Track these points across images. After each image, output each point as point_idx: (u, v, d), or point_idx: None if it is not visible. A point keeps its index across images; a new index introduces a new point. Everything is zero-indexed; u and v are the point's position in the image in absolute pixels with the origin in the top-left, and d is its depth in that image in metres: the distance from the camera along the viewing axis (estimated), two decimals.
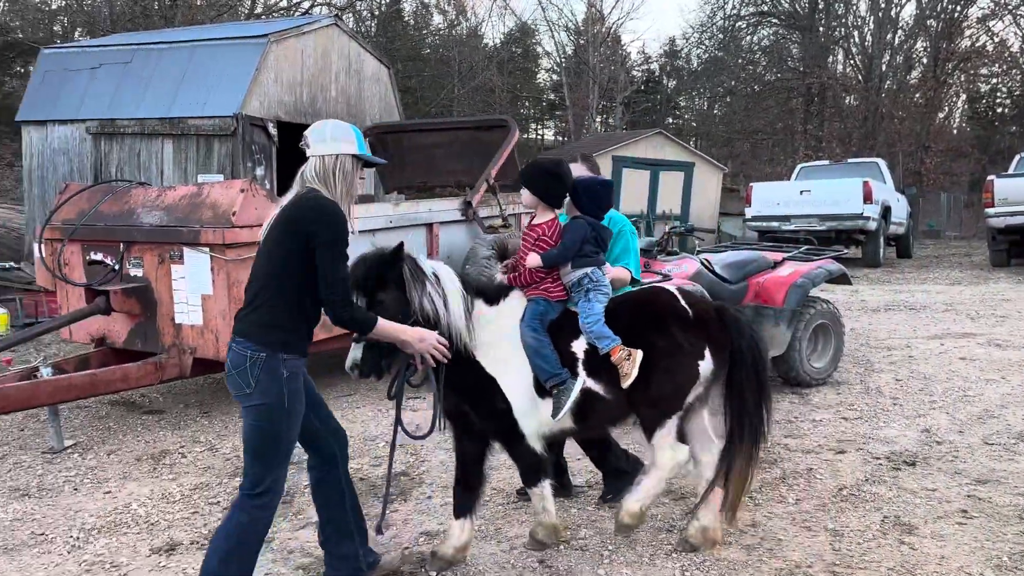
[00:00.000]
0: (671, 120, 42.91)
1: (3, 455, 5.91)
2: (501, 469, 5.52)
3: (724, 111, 40.38)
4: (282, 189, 10.88)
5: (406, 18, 38.79)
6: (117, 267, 6.22)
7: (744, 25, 37.02)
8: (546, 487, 3.96)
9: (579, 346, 3.92)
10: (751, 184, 18.69)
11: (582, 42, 36.95)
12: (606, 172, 17.35)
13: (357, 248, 6.41)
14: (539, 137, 45.02)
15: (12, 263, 14.46)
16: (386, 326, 3.44)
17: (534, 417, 3.84)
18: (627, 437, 5.27)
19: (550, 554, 4.23)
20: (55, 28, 31.53)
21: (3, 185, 29.30)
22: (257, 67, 12.25)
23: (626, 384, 3.80)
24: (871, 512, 4.70)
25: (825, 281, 7.52)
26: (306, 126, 12.24)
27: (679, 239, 7.48)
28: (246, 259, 5.93)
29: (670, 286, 4.44)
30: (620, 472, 4.85)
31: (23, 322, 11.59)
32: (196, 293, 5.97)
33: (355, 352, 3.50)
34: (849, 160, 19.68)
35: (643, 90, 41.51)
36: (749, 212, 17.65)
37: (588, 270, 4.00)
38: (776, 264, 7.39)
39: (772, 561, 4.12)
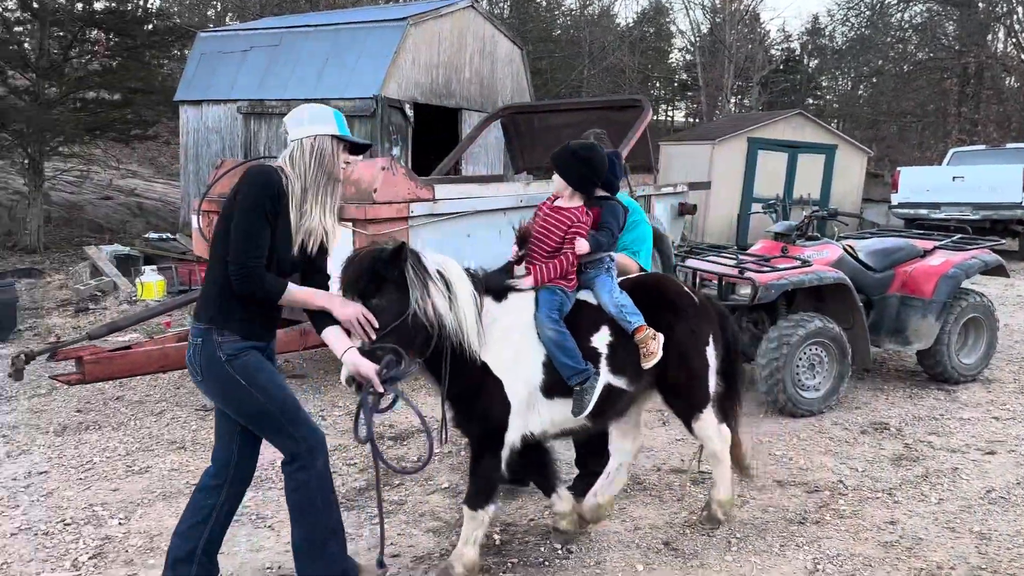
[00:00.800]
0: (811, 101, 41.11)
1: (161, 411, 6.40)
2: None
3: (870, 92, 38.29)
4: (415, 168, 11.17)
5: None
6: None
7: (895, 1, 34.91)
8: (489, 514, 3.61)
9: (600, 340, 3.73)
10: (898, 169, 17.69)
11: (719, 20, 35.89)
12: (740, 154, 16.86)
13: (493, 225, 6.44)
14: (669, 118, 44.18)
15: (168, 234, 15.58)
16: (298, 293, 3.17)
17: (521, 422, 3.59)
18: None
19: (676, 536, 4.21)
20: (208, 13, 33.54)
21: (160, 161, 31.52)
22: (396, 49, 12.60)
23: (649, 364, 3.71)
24: (1022, 517, 4.41)
25: (980, 272, 7.05)
26: (441, 108, 12.53)
27: (818, 224, 7.18)
28: (385, 234, 6.16)
29: (668, 274, 4.46)
30: (594, 475, 4.60)
31: (178, 289, 12.48)
32: (338, 265, 6.24)
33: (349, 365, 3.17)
34: (1008, 145, 18.27)
35: (782, 70, 39.91)
36: (895, 198, 16.74)
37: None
38: (925, 253, 6.99)
39: (911, 560, 3.95)
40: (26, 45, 20.66)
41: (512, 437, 3.56)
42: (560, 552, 4.06)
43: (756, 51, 35.55)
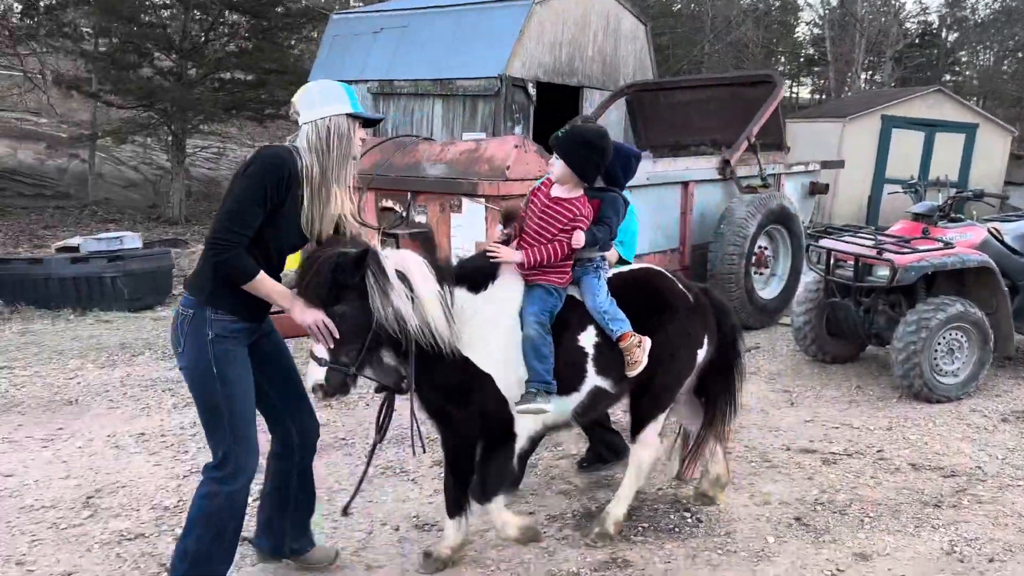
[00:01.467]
0: (949, 77, 38.76)
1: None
2: (751, 428, 5.57)
3: (1015, 67, 35.79)
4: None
5: None
6: (404, 214, 6.91)
7: None
8: (500, 502, 3.57)
9: (587, 339, 3.57)
10: None
11: None
12: (872, 133, 16.19)
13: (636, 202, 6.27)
14: (794, 95, 42.62)
15: None
16: (265, 284, 3.03)
17: (528, 417, 3.48)
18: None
19: (807, 512, 4.25)
20: None
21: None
22: (522, 28, 12.76)
23: (633, 373, 3.56)
24: None
25: None
26: (563, 87, 12.57)
27: (960, 205, 6.91)
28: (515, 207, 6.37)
29: (660, 268, 4.09)
30: (609, 446, 4.74)
31: None
32: (471, 240, 6.50)
33: (315, 373, 3.07)
34: None
35: (917, 44, 37.79)
36: None
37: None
38: None
39: None
40: (170, 28, 22.00)
41: (522, 425, 3.50)
42: (690, 521, 4.18)
43: (890, 24, 33.79)
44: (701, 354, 3.86)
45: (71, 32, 20.72)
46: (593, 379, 3.57)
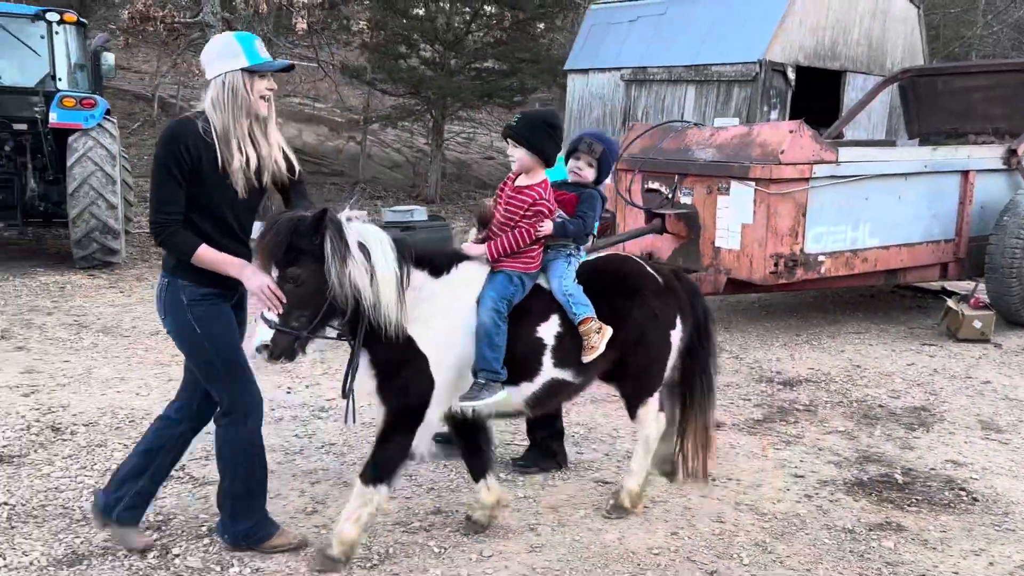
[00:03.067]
0: None
1: None
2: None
3: None
4: None
5: None
6: (670, 195, 7.32)
7: None
8: (381, 496, 3.42)
9: (547, 330, 3.53)
10: None
11: None
12: None
13: (892, 190, 6.28)
14: None
15: None
16: (208, 256, 3.11)
17: (443, 405, 3.45)
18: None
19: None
20: None
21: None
22: (785, 12, 12.63)
23: (588, 358, 3.51)
24: None
25: None
26: (824, 71, 12.29)
27: None
28: (787, 194, 6.55)
29: (629, 254, 4.14)
30: (547, 450, 4.62)
31: None
32: (737, 221, 6.78)
33: (263, 333, 3.03)
34: None
35: None
36: None
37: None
38: None
39: None
40: (437, 21, 23.78)
41: (434, 415, 3.42)
42: (966, 499, 4.27)
43: None
44: (676, 335, 3.81)
45: (348, 26, 22.98)
46: (550, 371, 3.51)
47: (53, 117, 9.57)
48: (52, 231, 11.25)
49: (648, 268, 3.83)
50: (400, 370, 3.32)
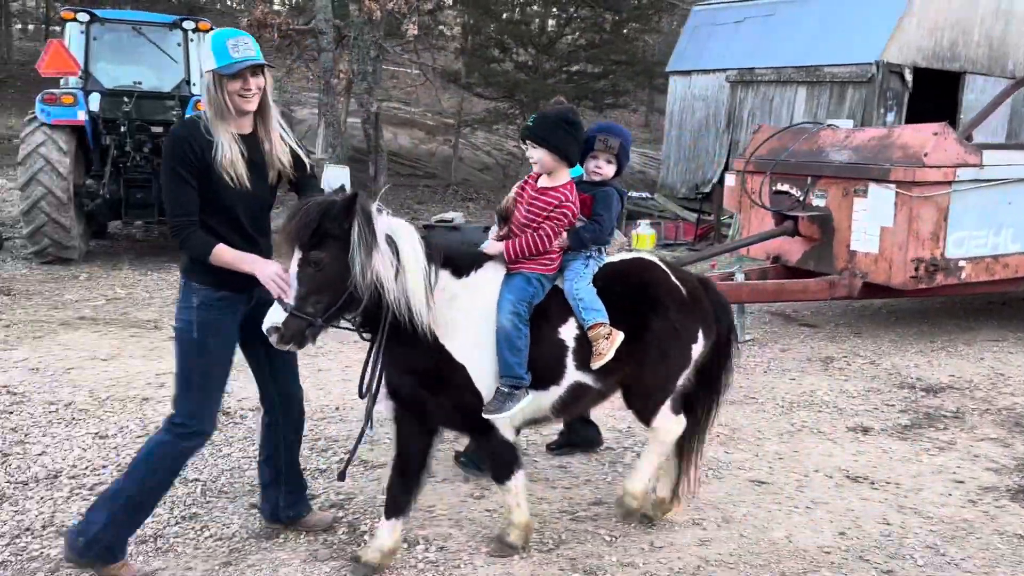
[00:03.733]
0: None
1: None
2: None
3: None
4: None
5: None
6: (802, 197, 7.26)
7: None
8: (520, 480, 3.46)
9: (568, 332, 3.37)
10: None
11: None
12: None
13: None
14: None
15: (647, 193, 17.21)
16: (225, 255, 3.09)
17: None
18: None
19: None
20: None
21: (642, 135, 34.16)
22: (903, 12, 12.33)
23: (596, 364, 3.34)
24: None
25: None
26: (943, 72, 11.88)
27: None
28: (929, 197, 6.44)
29: (654, 257, 3.76)
30: (579, 432, 4.67)
31: (663, 242, 13.92)
32: (876, 224, 6.69)
33: (275, 314, 2.94)
34: None
35: None
36: None
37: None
38: None
39: None
40: (532, 25, 24.01)
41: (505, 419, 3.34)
42: None
43: None
44: (696, 349, 3.62)
45: (444, 32, 23.36)
46: (573, 374, 3.38)
47: None
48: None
49: (672, 277, 3.59)
50: (443, 387, 3.23)
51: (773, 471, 4.65)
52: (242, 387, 5.73)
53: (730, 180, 8.19)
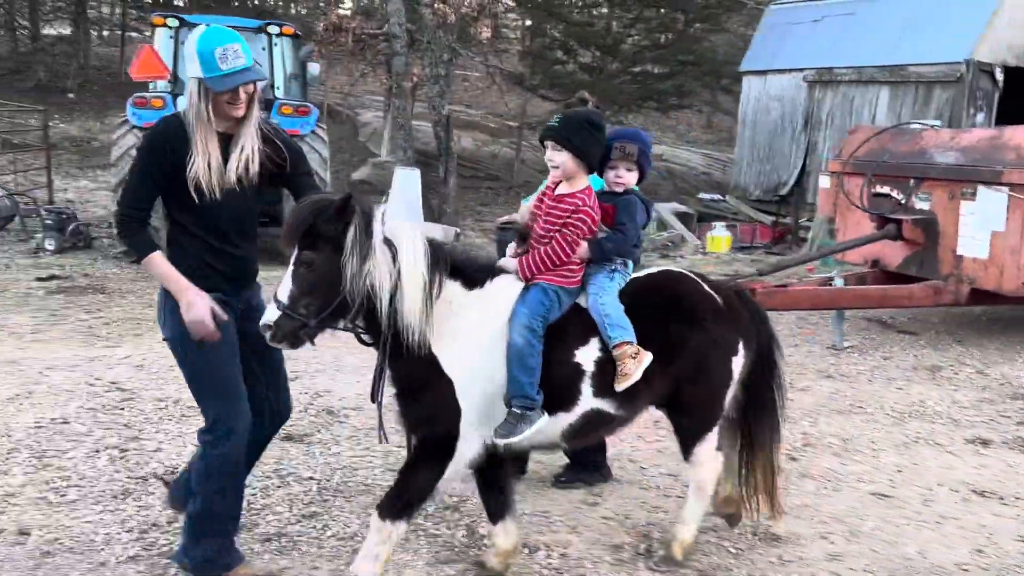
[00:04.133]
0: None
1: (796, 344, 7.31)
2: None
3: None
4: None
5: None
6: (904, 200, 7.04)
7: None
8: (399, 532, 3.06)
9: (586, 354, 3.12)
10: None
11: None
12: None
13: None
14: None
15: (719, 195, 16.96)
16: (157, 268, 3.01)
17: (476, 440, 3.07)
18: None
19: None
20: None
21: (679, 129, 33.81)
22: (995, 9, 11.90)
23: (621, 386, 3.08)
24: None
25: None
26: None
27: None
28: None
29: (683, 270, 3.52)
30: (590, 464, 4.29)
31: (739, 244, 13.68)
32: (985, 229, 6.44)
33: (269, 314, 2.85)
34: None
35: None
36: None
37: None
38: None
39: None
40: (596, 26, 23.90)
41: (467, 449, 3.06)
42: None
43: None
44: (738, 362, 3.36)
45: (508, 34, 23.38)
46: (589, 400, 3.12)
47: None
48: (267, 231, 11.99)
49: (705, 287, 3.37)
50: (423, 394, 3.01)
51: (895, 484, 4.49)
52: (339, 386, 5.79)
53: (825, 182, 7.99)
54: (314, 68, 12.01)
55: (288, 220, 2.83)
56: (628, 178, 3.28)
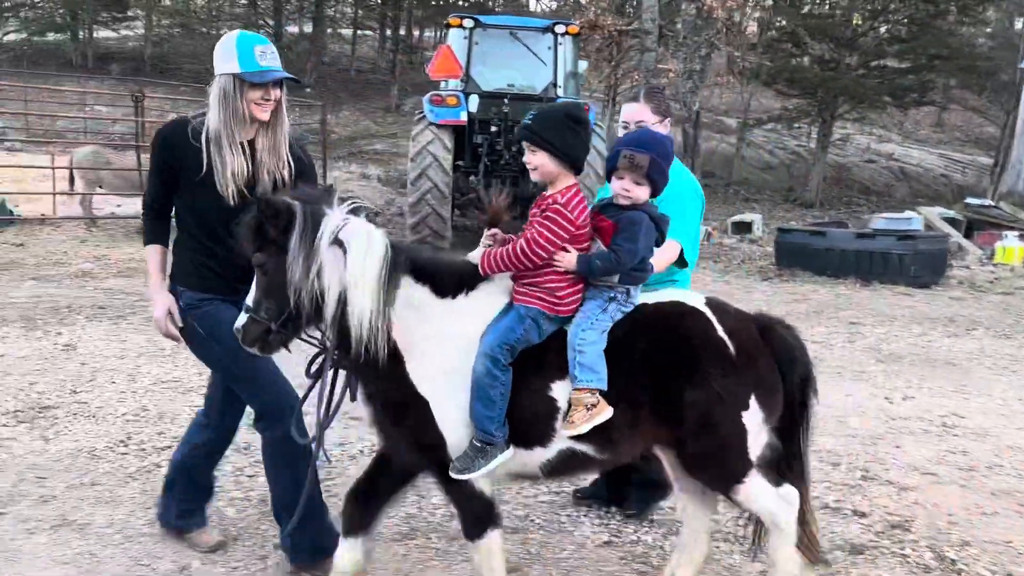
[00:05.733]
0: None
1: None
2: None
3: None
4: None
5: None
6: None
7: None
8: (494, 541, 2.85)
9: (563, 391, 2.73)
10: None
11: None
12: None
13: None
14: None
15: (990, 200, 15.71)
16: (147, 259, 3.23)
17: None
18: None
19: None
20: None
21: (906, 128, 31.63)
22: None
23: (567, 432, 2.70)
24: None
25: None
26: None
27: None
28: None
29: (697, 302, 2.92)
30: (649, 482, 3.67)
31: None
32: None
33: (241, 316, 2.73)
34: None
35: None
36: None
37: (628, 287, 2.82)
38: None
39: None
40: (833, 19, 22.77)
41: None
42: None
43: None
44: (751, 418, 2.84)
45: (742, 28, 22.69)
46: (564, 440, 2.76)
47: None
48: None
49: (716, 327, 2.85)
50: (403, 421, 2.80)
51: None
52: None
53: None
54: (582, 66, 12.22)
55: (241, 223, 2.71)
56: (637, 193, 2.81)
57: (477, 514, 2.84)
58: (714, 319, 2.86)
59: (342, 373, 2.82)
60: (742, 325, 2.91)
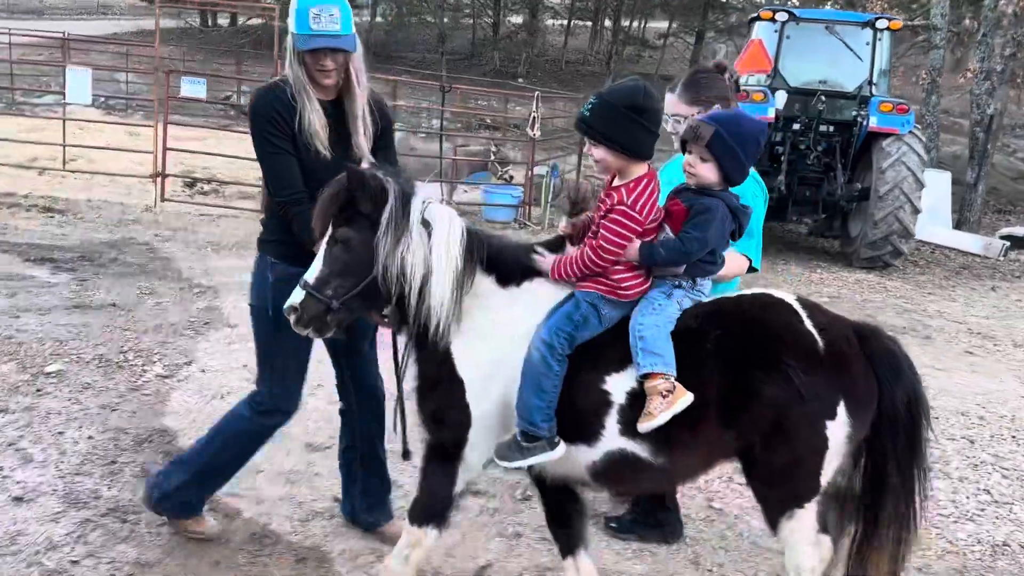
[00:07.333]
0: None
1: None
2: None
3: None
4: None
5: None
6: None
7: None
8: (429, 537, 2.73)
9: (618, 385, 2.54)
10: None
11: None
12: None
13: None
14: None
15: None
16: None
17: (485, 449, 2.67)
18: None
19: None
20: None
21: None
22: None
23: (643, 427, 2.45)
24: None
25: None
26: None
27: None
28: None
29: (785, 294, 2.62)
30: (651, 519, 3.55)
31: None
32: None
33: (297, 294, 2.60)
34: None
35: None
36: None
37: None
38: None
39: None
40: None
41: (477, 459, 2.72)
42: None
43: None
44: (837, 429, 2.49)
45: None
46: (614, 438, 2.56)
47: (872, 121, 9.92)
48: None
49: (805, 322, 2.54)
50: (431, 391, 2.72)
51: None
52: None
53: None
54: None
55: (324, 196, 2.60)
56: (701, 170, 2.60)
57: (433, 505, 2.76)
58: (803, 312, 2.60)
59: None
60: (836, 323, 2.63)
